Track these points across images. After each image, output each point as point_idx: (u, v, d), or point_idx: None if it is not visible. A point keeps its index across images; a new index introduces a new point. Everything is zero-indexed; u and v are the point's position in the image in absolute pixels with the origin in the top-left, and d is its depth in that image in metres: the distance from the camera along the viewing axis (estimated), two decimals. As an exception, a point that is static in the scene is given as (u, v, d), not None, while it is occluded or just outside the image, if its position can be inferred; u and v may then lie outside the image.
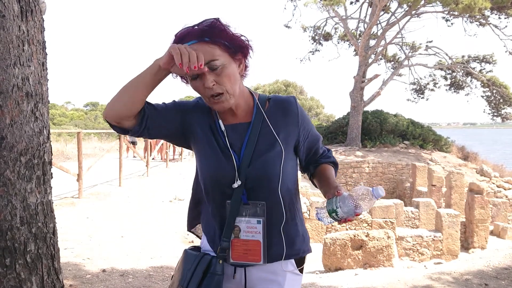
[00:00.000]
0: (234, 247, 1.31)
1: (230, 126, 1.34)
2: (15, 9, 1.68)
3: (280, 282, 1.34)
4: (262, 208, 1.30)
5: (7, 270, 1.67)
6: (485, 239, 9.66)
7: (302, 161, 1.45)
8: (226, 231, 1.30)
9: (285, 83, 44.87)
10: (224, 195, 1.30)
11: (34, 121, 1.80)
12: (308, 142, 1.41)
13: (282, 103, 1.38)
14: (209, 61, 1.20)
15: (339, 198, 1.20)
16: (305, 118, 1.40)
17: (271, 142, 1.31)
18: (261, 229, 1.30)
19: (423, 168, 14.00)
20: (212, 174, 1.31)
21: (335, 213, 1.19)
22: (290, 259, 1.36)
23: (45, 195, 1.89)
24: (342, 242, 6.51)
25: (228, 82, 1.23)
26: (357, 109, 20.12)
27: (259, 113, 1.33)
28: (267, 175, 1.29)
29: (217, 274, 1.30)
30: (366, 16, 21.28)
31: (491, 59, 21.28)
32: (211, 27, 1.21)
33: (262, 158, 1.29)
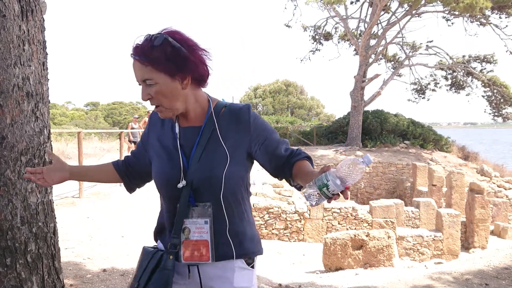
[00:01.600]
0: (185, 248, 1.38)
1: (184, 129, 1.43)
2: (16, 9, 1.69)
3: (230, 277, 1.40)
4: (208, 209, 1.36)
5: (7, 269, 1.67)
6: (485, 239, 9.66)
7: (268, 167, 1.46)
8: (176, 229, 1.37)
9: (285, 82, 44.84)
10: (173, 195, 1.37)
11: (34, 121, 1.80)
12: (265, 147, 1.43)
13: (235, 111, 1.44)
14: (146, 79, 1.29)
15: (328, 173, 1.18)
16: (258, 125, 1.43)
17: (217, 147, 1.38)
18: (208, 229, 1.36)
19: (423, 168, 13.99)
20: (160, 173, 1.40)
21: (326, 187, 1.16)
22: (239, 259, 1.42)
23: (45, 195, 1.89)
24: (342, 241, 6.51)
25: (163, 98, 1.32)
26: (358, 109, 20.11)
27: (211, 119, 1.41)
28: (210, 178, 1.35)
29: (167, 269, 1.36)
30: (367, 16, 21.27)
31: (492, 59, 21.25)
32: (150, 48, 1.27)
33: (207, 161, 1.36)
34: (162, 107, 1.34)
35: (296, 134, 22.78)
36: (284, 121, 28.99)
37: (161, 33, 1.29)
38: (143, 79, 1.29)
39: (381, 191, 16.80)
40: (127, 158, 1.58)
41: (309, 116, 43.55)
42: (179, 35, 1.31)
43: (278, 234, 9.32)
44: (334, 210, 9.47)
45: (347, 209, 9.48)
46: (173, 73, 1.30)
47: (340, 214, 9.45)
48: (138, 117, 17.11)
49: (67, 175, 1.50)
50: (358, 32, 22.43)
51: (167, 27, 1.33)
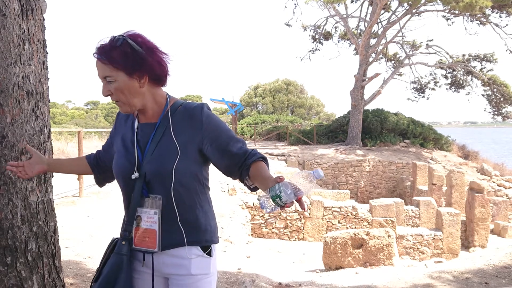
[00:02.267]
0: (136, 234, 1.48)
1: (142, 125, 1.54)
2: (16, 8, 1.69)
3: (187, 265, 1.48)
4: (158, 201, 1.45)
5: (8, 268, 1.67)
6: (485, 238, 9.67)
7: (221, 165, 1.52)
8: (129, 217, 1.47)
9: (285, 82, 44.83)
10: (128, 186, 1.49)
11: (34, 120, 1.80)
12: (216, 144, 1.49)
13: (189, 109, 1.51)
14: (105, 76, 1.41)
15: (281, 184, 1.23)
16: (210, 123, 1.50)
17: (169, 143, 1.47)
18: (157, 219, 1.45)
19: (423, 167, 14.00)
20: (117, 166, 1.52)
21: (279, 198, 1.22)
22: (193, 246, 1.49)
23: (45, 194, 1.89)
24: (342, 240, 6.52)
25: (121, 94, 1.43)
26: (358, 108, 20.11)
27: (166, 116, 1.50)
28: (160, 171, 1.44)
29: (120, 253, 1.45)
30: (367, 15, 21.25)
31: (492, 57, 21.24)
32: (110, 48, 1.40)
33: (158, 155, 1.46)
34: (120, 102, 1.45)
35: (296, 133, 22.77)
36: (284, 120, 28.99)
37: (122, 35, 1.41)
38: (104, 76, 1.41)
39: (381, 190, 16.81)
40: (98, 152, 1.71)
41: (309, 115, 43.56)
42: (141, 38, 1.43)
43: (278, 233, 9.33)
44: (334, 209, 9.47)
45: (347, 208, 9.48)
46: (130, 72, 1.41)
47: (340, 213, 9.46)
48: None
49: (45, 167, 1.62)
50: (358, 31, 22.42)
51: (130, 30, 1.44)
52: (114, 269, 1.44)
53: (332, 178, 16.84)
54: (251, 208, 9.41)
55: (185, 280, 1.48)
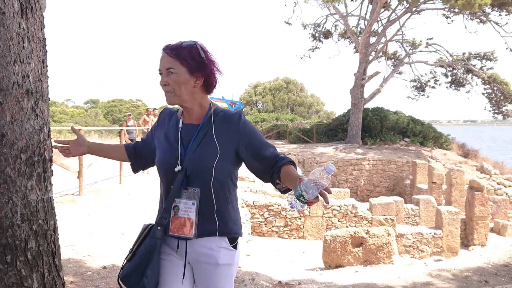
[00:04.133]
0: (173, 222, 1.65)
1: (186, 125, 1.73)
2: (15, 6, 1.68)
3: (215, 255, 1.66)
4: (196, 193, 1.63)
5: (8, 267, 1.67)
6: (485, 236, 9.68)
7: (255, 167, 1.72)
8: (167, 205, 1.65)
9: (285, 80, 44.78)
10: (169, 178, 1.67)
11: (34, 119, 1.80)
12: (251, 148, 1.70)
13: (229, 115, 1.73)
14: (169, 67, 1.63)
15: (301, 184, 1.39)
16: (246, 129, 1.71)
17: (210, 143, 1.66)
18: (194, 209, 1.63)
19: (423, 165, 14.00)
20: (162, 159, 1.70)
21: (302, 197, 1.39)
22: (223, 236, 1.67)
23: (45, 192, 1.89)
24: (342, 239, 6.52)
25: (176, 86, 1.64)
26: (358, 106, 20.11)
27: (209, 119, 1.71)
28: (201, 167, 1.63)
29: (155, 237, 1.63)
30: (367, 13, 21.23)
31: (492, 56, 21.23)
32: (180, 47, 1.65)
33: (201, 153, 1.65)
34: (173, 93, 1.65)
35: (296, 131, 22.77)
36: (284, 119, 28.97)
37: (194, 41, 1.68)
38: (167, 68, 1.63)
39: (381, 189, 16.82)
40: (136, 143, 1.91)
41: (309, 114, 43.53)
42: (206, 49, 1.69)
43: (278, 231, 9.33)
44: (334, 207, 9.48)
45: (347, 207, 9.49)
46: (192, 71, 1.64)
47: (340, 212, 9.46)
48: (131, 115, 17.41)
49: (86, 150, 1.83)
50: (358, 30, 22.40)
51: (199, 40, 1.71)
52: (148, 251, 1.61)
53: (332, 177, 16.84)
54: (251, 206, 9.41)
55: (211, 269, 1.66)
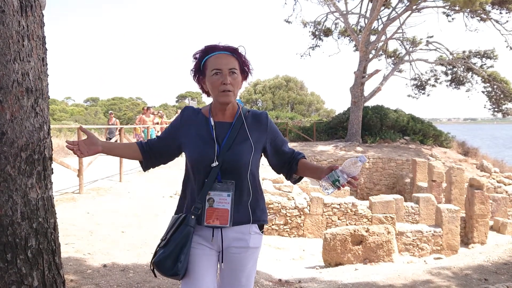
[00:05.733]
0: (208, 213, 1.77)
1: (218, 123, 1.85)
2: (15, 4, 1.68)
3: (247, 239, 1.82)
4: (231, 186, 1.78)
5: (8, 265, 1.68)
6: (485, 234, 9.68)
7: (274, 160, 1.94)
8: (201, 196, 1.77)
9: (285, 78, 44.75)
10: (205, 172, 1.77)
11: (34, 117, 1.80)
12: (275, 143, 1.92)
13: (257, 115, 1.91)
14: (232, 68, 1.77)
15: (337, 171, 1.67)
16: (272, 127, 1.92)
17: (245, 139, 1.82)
18: (230, 200, 1.77)
19: (423, 164, 14.00)
20: (198, 156, 1.78)
21: (337, 181, 1.66)
22: (254, 223, 1.84)
23: (45, 191, 1.89)
24: (342, 237, 6.53)
25: (236, 86, 1.80)
26: (358, 104, 20.09)
27: (240, 118, 1.86)
28: (238, 162, 1.78)
29: (189, 225, 1.74)
30: (367, 11, 21.20)
31: (492, 54, 21.21)
32: (237, 49, 1.81)
33: (237, 148, 1.79)
34: (232, 92, 1.78)
35: (296, 129, 22.76)
36: (284, 117, 28.96)
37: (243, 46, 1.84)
38: (230, 68, 1.76)
39: (381, 187, 16.82)
40: (149, 141, 1.95)
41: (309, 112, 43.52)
42: None
43: (278, 229, 9.34)
44: (334, 205, 9.48)
45: (346, 205, 9.49)
46: (242, 72, 1.84)
47: (340, 210, 9.47)
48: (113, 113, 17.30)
49: (100, 149, 1.81)
50: (358, 28, 22.37)
51: None
52: (183, 238, 1.72)
53: (332, 175, 16.81)
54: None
55: (241, 252, 1.82)
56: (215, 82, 1.76)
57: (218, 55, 1.77)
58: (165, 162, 1.98)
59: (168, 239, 1.75)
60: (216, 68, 1.75)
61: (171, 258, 1.70)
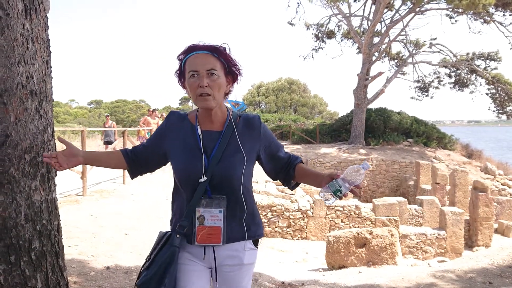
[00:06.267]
0: (199, 232, 1.62)
1: (206, 132, 1.68)
2: (20, 8, 1.69)
3: (241, 257, 1.69)
4: (223, 201, 1.62)
5: (12, 267, 1.68)
6: (489, 237, 9.63)
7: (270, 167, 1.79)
8: (187, 214, 1.62)
9: (288, 80, 44.76)
10: (192, 187, 1.62)
11: (38, 119, 1.81)
12: (269, 150, 1.76)
13: (249, 120, 1.74)
14: (211, 68, 1.58)
15: (339, 180, 1.54)
16: (266, 133, 1.76)
17: (236, 150, 1.65)
18: (222, 217, 1.62)
19: (427, 166, 13.95)
20: (184, 169, 1.63)
21: (339, 191, 1.53)
22: (249, 239, 1.71)
23: (49, 193, 1.90)
24: (345, 240, 6.51)
25: (216, 89, 1.60)
26: (361, 107, 20.06)
27: (230, 125, 1.69)
28: (230, 176, 1.62)
29: (173, 245, 1.61)
30: (370, 14, 21.19)
31: (496, 56, 21.13)
32: (218, 47, 1.61)
33: (227, 161, 1.63)
34: (211, 96, 1.59)
35: (299, 132, 22.74)
36: (287, 119, 28.95)
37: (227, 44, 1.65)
38: (210, 69, 1.57)
39: (384, 189, 16.77)
40: (135, 148, 1.80)
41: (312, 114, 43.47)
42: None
43: (281, 232, 9.32)
44: (337, 208, 9.46)
45: (350, 207, 9.47)
46: (226, 73, 1.64)
47: (343, 212, 9.44)
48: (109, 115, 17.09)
49: (81, 160, 1.65)
50: (362, 30, 22.36)
51: None
52: (167, 259, 1.59)
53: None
54: (254, 207, 9.39)
55: (236, 270, 1.70)
56: (191, 85, 1.59)
57: (196, 55, 1.59)
58: (153, 170, 1.84)
59: (152, 259, 1.63)
60: (192, 70, 1.58)
61: (155, 281, 1.58)
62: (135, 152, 1.78)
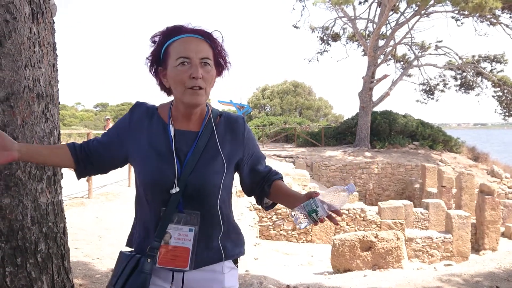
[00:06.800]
0: (162, 252, 1.33)
1: (180, 132, 1.38)
2: (26, 11, 1.70)
3: (221, 280, 1.40)
4: (196, 217, 1.33)
5: (18, 269, 1.68)
6: (496, 241, 9.56)
7: (247, 180, 1.48)
8: (158, 233, 1.32)
9: (293, 83, 44.75)
10: (162, 200, 1.32)
11: (44, 122, 1.82)
12: (252, 161, 1.47)
13: (231, 121, 1.45)
14: (205, 57, 1.31)
15: (316, 199, 1.25)
16: (250, 138, 1.47)
17: (215, 155, 1.37)
18: (192, 237, 1.33)
19: (432, 169, 13.88)
20: (151, 177, 1.33)
21: (315, 213, 1.24)
22: (227, 260, 1.43)
23: (55, 195, 1.90)
24: (351, 243, 6.48)
25: (209, 82, 1.33)
26: (366, 109, 20.02)
27: (209, 125, 1.40)
28: (207, 187, 1.33)
29: (144, 272, 1.31)
30: (375, 16, 21.17)
31: (502, 58, 21.03)
32: (211, 34, 1.35)
33: (204, 169, 1.34)
34: (204, 90, 1.32)
35: (304, 135, 22.72)
36: (292, 122, 28.94)
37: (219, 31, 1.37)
38: (202, 57, 1.31)
39: (390, 192, 16.70)
40: (86, 144, 1.44)
41: (317, 117, 43.43)
42: None
43: (286, 235, 9.30)
44: (342, 211, 9.43)
45: (355, 210, 9.44)
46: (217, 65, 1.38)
47: (349, 215, 9.41)
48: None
49: (15, 155, 1.27)
50: (367, 33, 22.33)
51: None
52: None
53: (340, 180, 16.76)
54: (259, 210, 9.40)
55: None
56: (180, 75, 1.29)
57: (185, 38, 1.31)
58: (106, 172, 1.49)
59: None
60: (183, 56, 1.29)
61: None
62: (87, 149, 1.42)
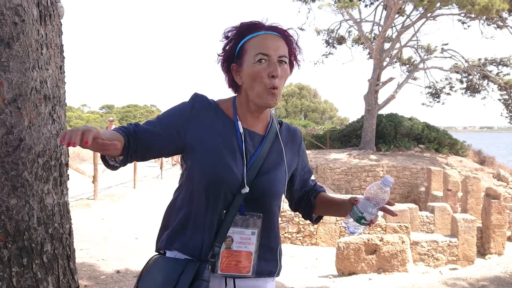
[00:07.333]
0: (224, 258, 1.25)
1: (247, 131, 1.31)
2: (34, 14, 1.72)
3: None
4: (258, 220, 1.28)
5: (24, 269, 1.69)
6: (502, 245, 9.48)
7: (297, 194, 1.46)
8: (220, 237, 1.25)
9: (299, 86, 44.76)
10: (225, 200, 1.25)
11: (51, 123, 1.83)
12: (304, 173, 1.46)
13: (291, 130, 1.44)
14: (283, 55, 1.25)
15: (359, 205, 1.25)
16: (304, 151, 1.47)
17: (279, 161, 1.33)
18: (254, 240, 1.27)
19: (438, 172, 13.80)
20: (219, 175, 1.23)
21: (363, 219, 1.24)
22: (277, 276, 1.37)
23: (61, 196, 1.91)
24: (355, 246, 6.46)
25: (283, 83, 1.28)
26: (372, 112, 19.97)
27: (273, 130, 1.35)
28: (273, 191, 1.29)
29: (206, 280, 1.21)
30: (381, 19, 21.14)
31: (509, 62, 20.91)
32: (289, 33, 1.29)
33: (270, 173, 1.29)
34: (278, 90, 1.25)
35: (309, 137, 22.70)
36: (298, 125, 28.92)
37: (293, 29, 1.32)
38: (281, 55, 1.24)
39: (395, 196, 16.63)
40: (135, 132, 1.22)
41: (323, 120, 43.40)
42: None
43: (291, 237, 9.29)
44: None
45: (360, 213, 9.40)
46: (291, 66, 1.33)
47: (354, 218, 9.38)
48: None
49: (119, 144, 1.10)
50: (372, 36, 22.29)
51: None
52: None
53: (345, 183, 16.72)
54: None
55: None
56: (258, 73, 1.21)
57: (264, 35, 1.24)
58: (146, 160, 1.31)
59: None
60: (262, 53, 1.21)
61: None
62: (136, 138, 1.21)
